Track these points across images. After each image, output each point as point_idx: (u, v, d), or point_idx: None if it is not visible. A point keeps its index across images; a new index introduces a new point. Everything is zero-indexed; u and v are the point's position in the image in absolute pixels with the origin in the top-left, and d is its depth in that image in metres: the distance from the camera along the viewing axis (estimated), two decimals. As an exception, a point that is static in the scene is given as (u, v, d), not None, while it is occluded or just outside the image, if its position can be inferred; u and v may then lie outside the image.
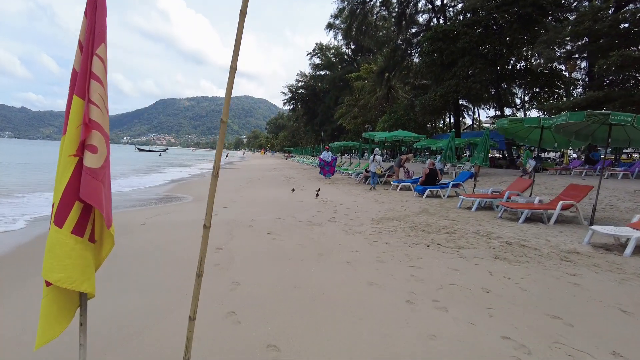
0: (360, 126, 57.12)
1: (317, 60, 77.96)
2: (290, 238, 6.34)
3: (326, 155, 18.23)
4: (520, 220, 8.12)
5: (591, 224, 7.59)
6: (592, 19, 17.56)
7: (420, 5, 38.93)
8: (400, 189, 14.76)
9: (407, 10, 40.14)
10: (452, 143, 15.33)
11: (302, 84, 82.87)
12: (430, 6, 38.21)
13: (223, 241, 6.13)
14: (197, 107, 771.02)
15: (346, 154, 52.63)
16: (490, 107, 45.03)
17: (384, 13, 47.88)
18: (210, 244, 5.64)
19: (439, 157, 22.09)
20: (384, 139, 16.79)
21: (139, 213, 9.33)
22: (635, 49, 17.79)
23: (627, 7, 18.90)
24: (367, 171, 18.15)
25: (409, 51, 41.27)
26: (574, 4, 26.70)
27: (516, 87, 38.54)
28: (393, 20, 46.45)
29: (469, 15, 30.08)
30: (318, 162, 19.41)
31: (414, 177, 16.08)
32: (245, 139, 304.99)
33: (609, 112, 7.51)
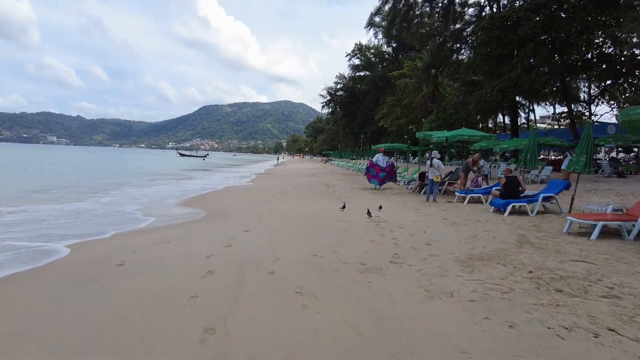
0: (404, 127, 53.81)
1: (357, 61, 75.35)
2: (333, 306, 3.75)
3: (380, 160, 15.40)
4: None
5: None
6: None
7: (471, -7, 35.26)
8: (468, 202, 11.81)
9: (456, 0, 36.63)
10: (533, 143, 12.17)
11: (341, 86, 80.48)
12: (483, -6, 34.47)
13: (221, 311, 3.64)
14: (238, 113, 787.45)
15: (390, 157, 49.70)
16: (551, 104, 40.52)
17: (427, 9, 44.58)
18: (197, 317, 3.16)
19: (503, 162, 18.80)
20: (445, 139, 13.82)
21: (129, 239, 7.10)
22: None
23: None
24: (421, 179, 15.26)
25: (458, 45, 37.71)
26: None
27: (582, 81, 34.06)
28: (437, 15, 43.06)
29: (530, -1, 26.34)
30: (365, 168, 16.48)
31: (484, 187, 13.04)
32: (285, 143, 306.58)
33: None
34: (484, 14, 33.88)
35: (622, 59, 26.04)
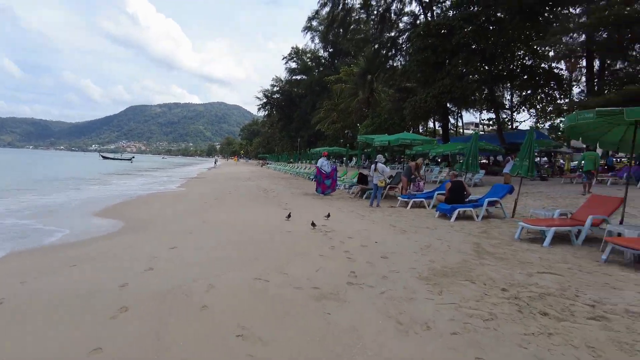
0: (340, 131, 54.13)
1: (293, 65, 74.93)
2: (286, 353, 2.89)
3: (325, 165, 14.41)
4: (658, 272, 4.93)
5: None
6: (625, 1, 15.02)
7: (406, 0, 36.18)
8: (411, 206, 11.52)
9: (392, 7, 37.45)
10: (475, 148, 12.23)
11: (278, 89, 79.54)
12: (417, 2, 35.48)
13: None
14: (168, 114, 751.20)
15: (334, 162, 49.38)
16: (479, 110, 42.84)
17: (363, 16, 45.26)
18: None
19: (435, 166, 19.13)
20: (387, 143, 13.50)
21: (23, 262, 5.67)
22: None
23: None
24: (359, 182, 14.83)
25: (393, 51, 38.56)
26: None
27: (506, 89, 36.33)
28: (372, 22, 43.86)
29: (463, 8, 27.43)
30: (314, 175, 15.34)
31: (425, 191, 12.88)
32: (219, 146, 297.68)
33: None
34: (418, 22, 34.92)
35: (540, 71, 28.04)
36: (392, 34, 38.58)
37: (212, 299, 3.94)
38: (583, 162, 15.31)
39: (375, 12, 40.31)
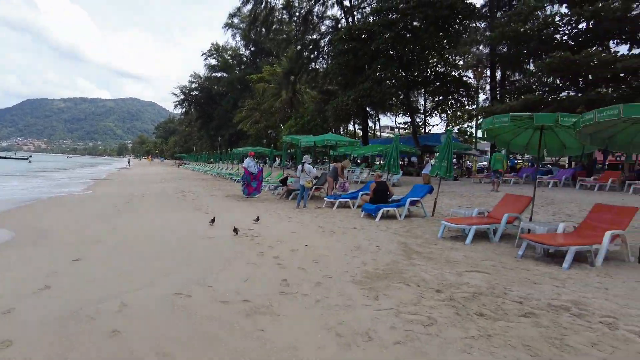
0: (263, 131, 53.44)
1: (213, 62, 72.35)
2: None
3: (252, 165, 13.76)
4: (565, 264, 5.32)
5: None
6: (524, 19, 16.60)
7: (328, 3, 36.68)
8: (337, 207, 11.51)
9: (315, 9, 37.76)
10: (396, 149, 12.60)
11: (197, 85, 76.26)
12: (339, 6, 36.14)
13: None
14: (74, 109, 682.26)
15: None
16: (396, 114, 44.95)
17: (285, 16, 45.15)
18: None
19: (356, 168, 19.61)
20: (313, 144, 13.38)
21: None
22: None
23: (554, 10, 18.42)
24: (283, 183, 14.56)
25: (316, 53, 38.93)
26: (483, 10, 26.69)
27: (420, 95, 38.55)
28: (294, 23, 43.95)
29: (382, 15, 28.48)
30: (242, 176, 14.47)
31: (350, 191, 12.98)
32: (131, 145, 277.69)
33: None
34: (340, 25, 35.60)
35: (450, 78, 30.10)
36: (315, 36, 39.00)
37: (124, 322, 3.37)
38: (492, 162, 16.72)
39: (297, 13, 40.43)
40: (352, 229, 8.27)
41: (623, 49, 18.42)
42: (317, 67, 40.34)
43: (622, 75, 16.38)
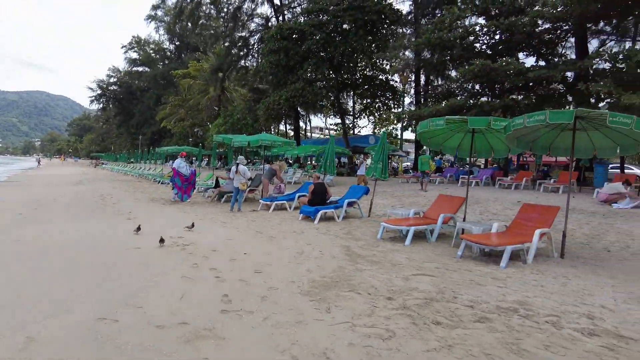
0: (189, 129, 51.08)
1: (135, 55, 67.74)
2: None
3: (183, 166, 12.73)
4: (503, 263, 5.52)
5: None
6: (449, 27, 17.50)
7: (258, 1, 35.96)
8: (274, 210, 11.14)
9: (244, 6, 36.79)
10: (332, 150, 12.53)
11: (115, 80, 70.88)
12: (269, 4, 35.57)
13: None
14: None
15: (171, 161, 45.14)
16: (326, 115, 45.42)
17: (213, 11, 43.58)
18: None
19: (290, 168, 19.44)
20: (247, 144, 12.84)
21: None
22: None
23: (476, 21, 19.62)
24: (218, 185, 13.87)
25: (246, 50, 37.97)
26: (409, 17, 27.86)
27: (349, 97, 39.30)
28: (222, 19, 42.60)
29: (313, 16, 28.53)
30: (171, 179, 13.40)
31: (286, 193, 12.67)
32: (39, 143, 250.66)
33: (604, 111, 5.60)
34: (270, 24, 35.07)
35: (378, 82, 31.03)
36: (244, 33, 38.05)
37: (30, 362, 2.76)
38: (419, 163, 17.51)
39: (225, 9, 39.19)
40: (291, 233, 7.98)
41: (530, 61, 20.15)
42: (247, 64, 39.42)
43: (531, 84, 17.96)
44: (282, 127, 50.36)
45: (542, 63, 18.95)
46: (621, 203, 10.64)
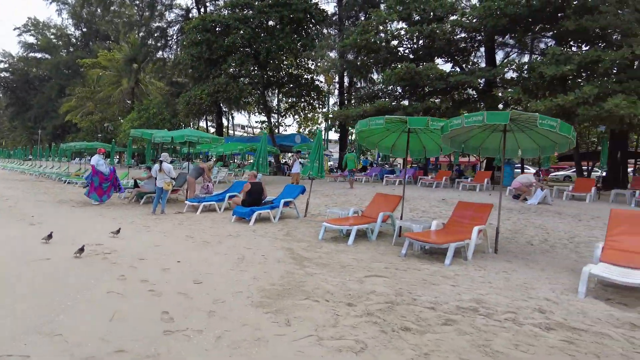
0: (98, 124, 46.76)
1: (32, 39, 60.23)
2: None
3: (102, 164, 11.29)
4: (447, 260, 5.60)
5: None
6: (375, 30, 17.91)
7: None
8: (202, 211, 10.39)
9: (162, -4, 34.41)
10: (264, 148, 12.03)
11: (7, 66, 62.43)
12: (189, -7, 33.71)
13: None
14: None
15: (77, 158, 40.82)
16: (250, 112, 44.37)
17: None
18: None
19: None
20: (170, 139, 11.82)
21: None
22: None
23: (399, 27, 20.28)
24: (137, 185, 12.67)
25: (164, 41, 35.56)
26: (334, 18, 28.19)
27: (274, 95, 38.84)
28: (137, 7, 39.61)
29: (237, 10, 27.56)
30: (88, 177, 11.79)
31: (215, 193, 11.95)
32: None
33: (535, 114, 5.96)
34: (190, 15, 33.26)
35: (303, 81, 31.03)
36: (162, 24, 35.62)
37: None
38: (345, 162, 17.90)
39: (140, -3, 36.42)
40: (227, 236, 7.43)
41: (447, 67, 21.46)
42: (165, 56, 36.99)
43: (449, 89, 19.11)
44: (202, 123, 48.18)
45: (456, 69, 20.28)
46: (531, 199, 11.66)
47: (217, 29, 26.11)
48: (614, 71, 14.59)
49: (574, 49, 16.36)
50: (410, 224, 6.98)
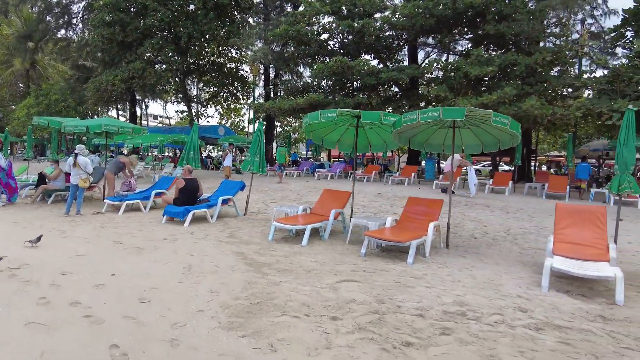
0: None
1: None
2: None
3: (1, 159, 9.36)
4: (410, 259, 5.45)
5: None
6: (308, 22, 17.52)
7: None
8: (124, 211, 9.23)
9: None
10: (196, 141, 11.01)
11: None
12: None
13: None
14: None
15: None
16: (166, 102, 41.54)
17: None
18: None
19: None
20: (85, 129, 10.23)
21: None
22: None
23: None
24: (43, 182, 10.90)
25: (66, 18, 31.49)
26: (259, 6, 27.23)
27: (194, 83, 36.68)
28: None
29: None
30: None
31: (139, 190, 10.72)
32: None
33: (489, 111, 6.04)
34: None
35: (226, 70, 29.72)
36: None
37: None
38: (277, 156, 17.63)
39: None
40: (162, 240, 6.57)
41: (373, 63, 21.83)
42: (69, 36, 32.85)
43: (376, 85, 19.46)
44: (112, 112, 43.94)
45: (384, 66, 20.74)
46: (466, 191, 12.27)
47: (132, 9, 23.78)
48: (525, 75, 15.93)
49: (491, 52, 17.55)
50: (365, 221, 6.76)
